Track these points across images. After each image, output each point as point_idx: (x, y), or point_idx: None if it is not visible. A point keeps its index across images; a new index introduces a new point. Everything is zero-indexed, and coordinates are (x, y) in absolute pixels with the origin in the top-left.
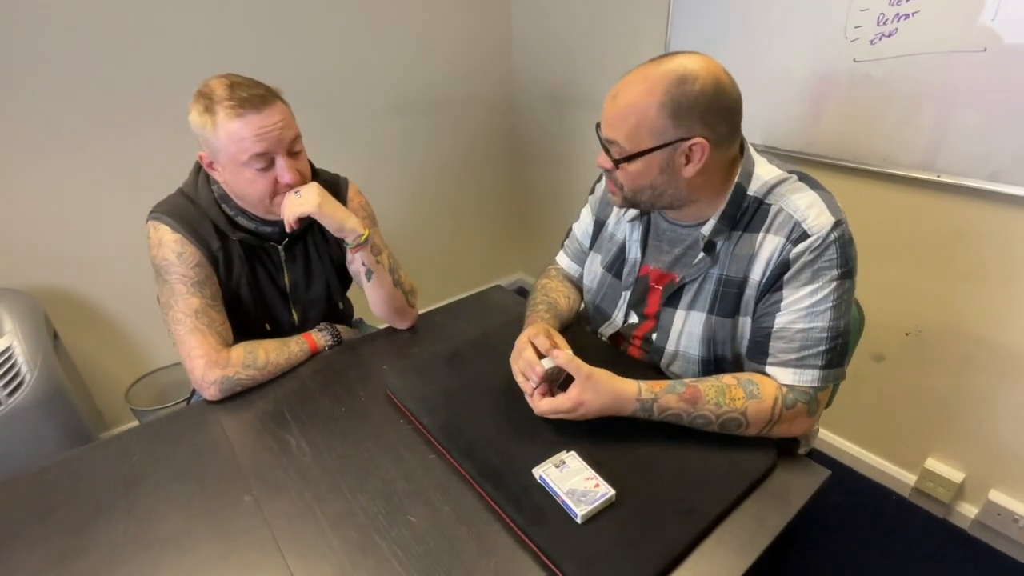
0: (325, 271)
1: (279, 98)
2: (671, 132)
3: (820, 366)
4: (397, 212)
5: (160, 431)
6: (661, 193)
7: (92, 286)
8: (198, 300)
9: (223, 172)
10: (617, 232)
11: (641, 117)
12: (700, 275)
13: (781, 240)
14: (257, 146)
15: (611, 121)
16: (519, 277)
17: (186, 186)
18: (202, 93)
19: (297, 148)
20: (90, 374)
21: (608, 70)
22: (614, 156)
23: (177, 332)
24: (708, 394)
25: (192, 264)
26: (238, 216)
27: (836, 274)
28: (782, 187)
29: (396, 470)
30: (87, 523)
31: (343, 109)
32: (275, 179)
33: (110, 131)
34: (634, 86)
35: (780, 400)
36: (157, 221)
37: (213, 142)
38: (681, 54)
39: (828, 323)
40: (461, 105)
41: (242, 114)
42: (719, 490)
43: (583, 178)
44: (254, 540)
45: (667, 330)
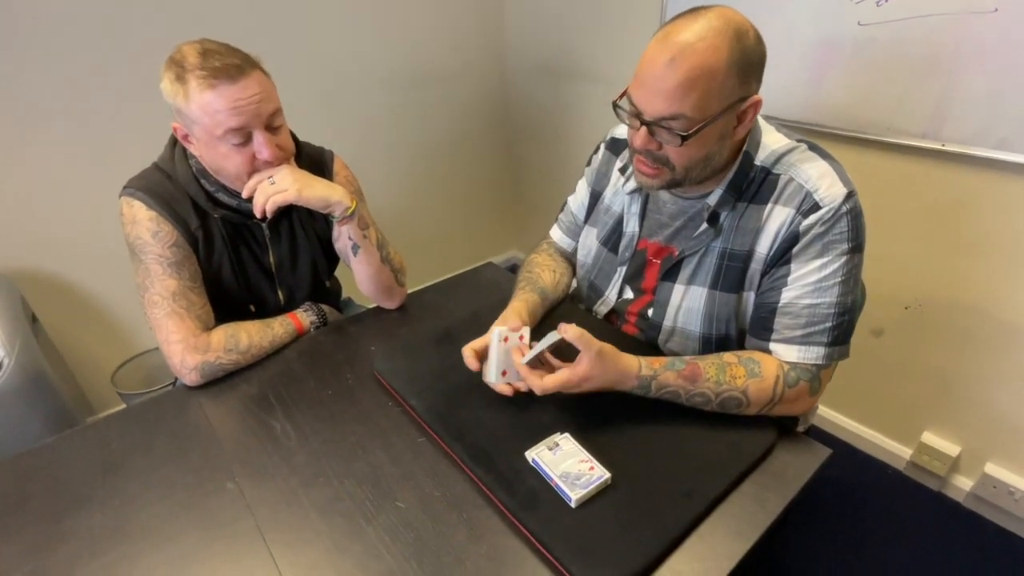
0: (311, 248)
1: (257, 67)
2: (736, 92)
3: (826, 343)
4: (386, 189)
5: (140, 417)
6: (710, 163)
7: (71, 266)
8: (175, 282)
9: (198, 145)
10: (614, 205)
11: (711, 79)
12: (701, 248)
13: (791, 211)
14: (232, 120)
15: (672, 92)
16: (512, 255)
17: (161, 160)
18: (174, 60)
19: (277, 122)
20: (74, 358)
21: (603, 40)
22: (678, 130)
23: (154, 315)
24: (708, 372)
25: (169, 243)
26: (218, 192)
27: (846, 248)
28: (791, 156)
29: (384, 454)
30: (65, 512)
31: (329, 82)
32: (253, 155)
33: (83, 101)
34: (694, 48)
35: (782, 379)
36: (131, 197)
37: (186, 113)
38: (708, 9)
39: (836, 299)
40: (451, 78)
41: (215, 85)
42: (717, 471)
43: (577, 153)
44: (237, 529)
45: (664, 305)
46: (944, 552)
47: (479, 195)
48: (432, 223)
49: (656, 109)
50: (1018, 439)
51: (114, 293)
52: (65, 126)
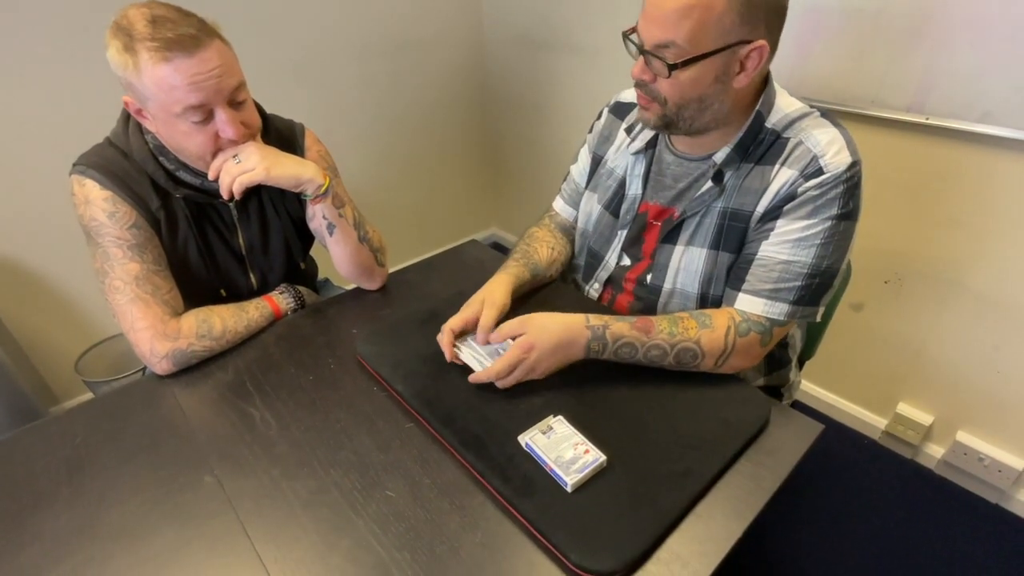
0: (283, 229)
1: (216, 36)
2: (736, 32)
3: (791, 300)
4: (360, 164)
5: (106, 408)
6: (706, 108)
7: (25, 250)
8: (137, 266)
9: (154, 122)
10: (617, 167)
11: (707, 12)
12: (702, 209)
13: (794, 174)
14: (192, 97)
15: (667, 17)
16: (492, 232)
17: (114, 135)
18: (120, 27)
19: (240, 97)
20: (34, 346)
21: (584, 11)
22: (669, 60)
23: (116, 302)
24: (660, 324)
25: (127, 225)
26: (179, 171)
27: (835, 213)
28: (803, 121)
29: (371, 441)
30: (25, 514)
31: (297, 52)
32: (215, 133)
33: (30, 68)
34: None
35: (733, 329)
36: (82, 176)
37: (138, 88)
38: None
39: (811, 259)
40: (427, 47)
41: (169, 58)
42: (712, 451)
43: (558, 126)
44: (217, 525)
45: (664, 268)
46: (916, 516)
47: (457, 171)
48: (409, 200)
49: (652, 36)
50: (988, 408)
51: (74, 276)
52: (14, 97)
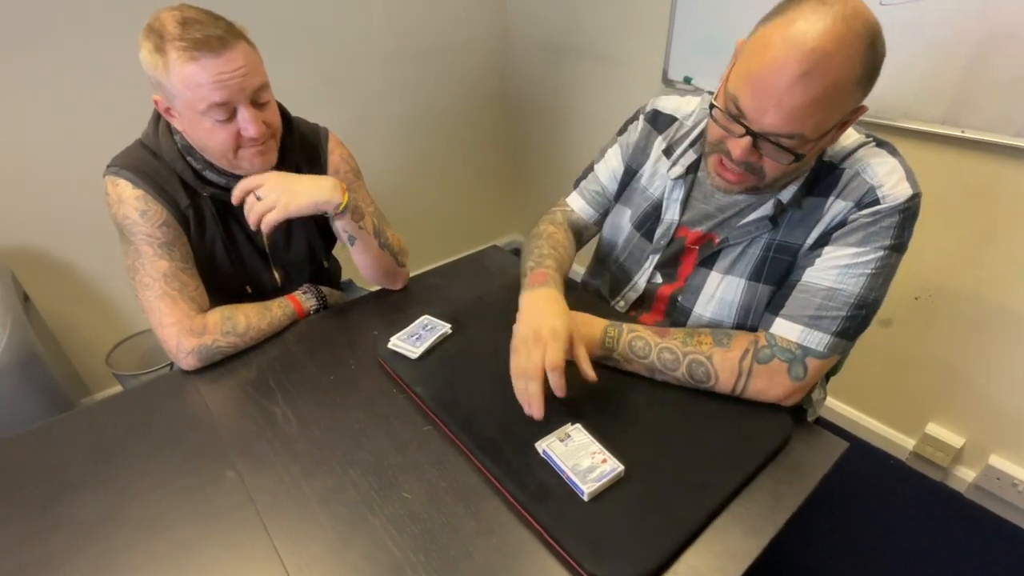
0: (307, 229)
1: (242, 38)
2: (854, 103)
3: (832, 332)
4: (383, 168)
5: (134, 401)
6: (799, 172)
7: (64, 243)
8: (167, 263)
9: (180, 120)
10: (651, 187)
11: (838, 96)
12: (747, 239)
13: (850, 204)
14: (216, 95)
15: (800, 110)
16: (513, 237)
17: (146, 136)
18: (152, 29)
19: (263, 98)
20: (68, 337)
21: (610, 18)
22: (796, 150)
23: (145, 298)
24: (676, 333)
25: (158, 223)
26: (206, 170)
27: (888, 244)
28: (859, 152)
29: (389, 443)
30: (55, 501)
31: (326, 58)
32: (238, 131)
33: (72, 73)
34: (832, 58)
35: (751, 353)
36: (115, 176)
37: (167, 87)
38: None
39: (859, 290)
40: (451, 55)
41: (197, 57)
42: (732, 464)
43: (581, 133)
44: (238, 519)
45: (697, 292)
46: (945, 542)
47: (480, 176)
48: (432, 204)
49: (772, 123)
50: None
51: (109, 271)
52: (54, 98)
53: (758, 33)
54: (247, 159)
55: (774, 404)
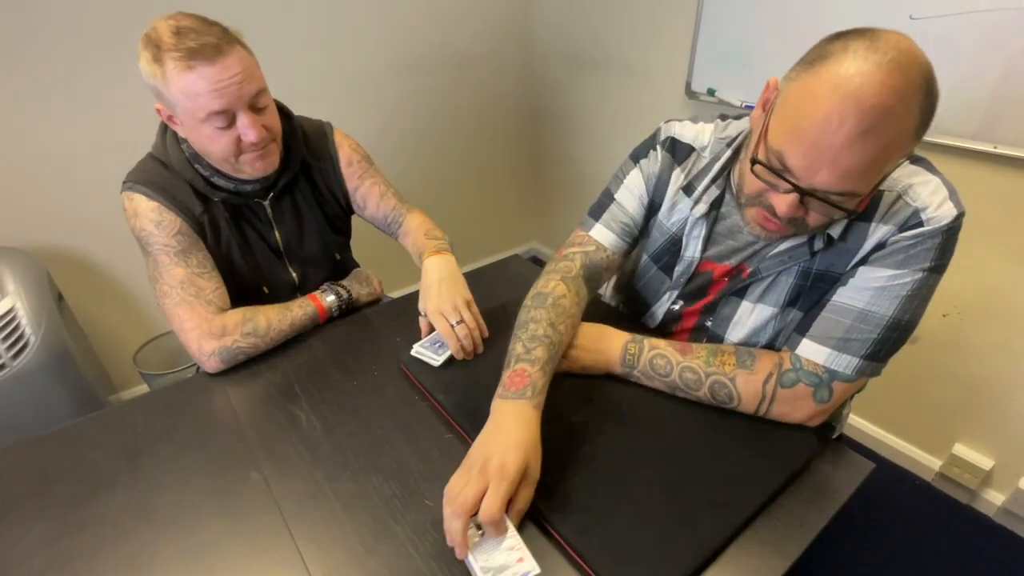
0: (319, 225)
1: (237, 43)
2: (910, 151)
3: (862, 355)
4: (407, 176)
5: (164, 401)
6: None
7: (96, 245)
8: (182, 270)
9: (183, 128)
10: (668, 222)
11: (899, 149)
12: (778, 269)
13: (892, 229)
14: (215, 102)
15: (857, 169)
16: (532, 246)
17: (155, 148)
18: (149, 39)
19: (262, 102)
20: (97, 336)
21: (633, 30)
22: (845, 205)
23: (166, 306)
24: (699, 351)
25: (172, 232)
26: (214, 176)
27: (928, 265)
28: (897, 172)
29: (411, 450)
30: (87, 497)
31: (351, 68)
32: (238, 137)
33: (109, 81)
34: (892, 113)
35: (775, 377)
36: (130, 191)
37: (167, 96)
38: (882, 38)
39: (892, 312)
40: (475, 65)
41: (193, 66)
42: (755, 482)
43: (602, 144)
44: (263, 521)
45: (728, 320)
46: (972, 567)
47: (501, 185)
48: (453, 212)
49: (824, 182)
50: None
51: (138, 273)
52: (90, 106)
53: (803, 81)
54: (249, 163)
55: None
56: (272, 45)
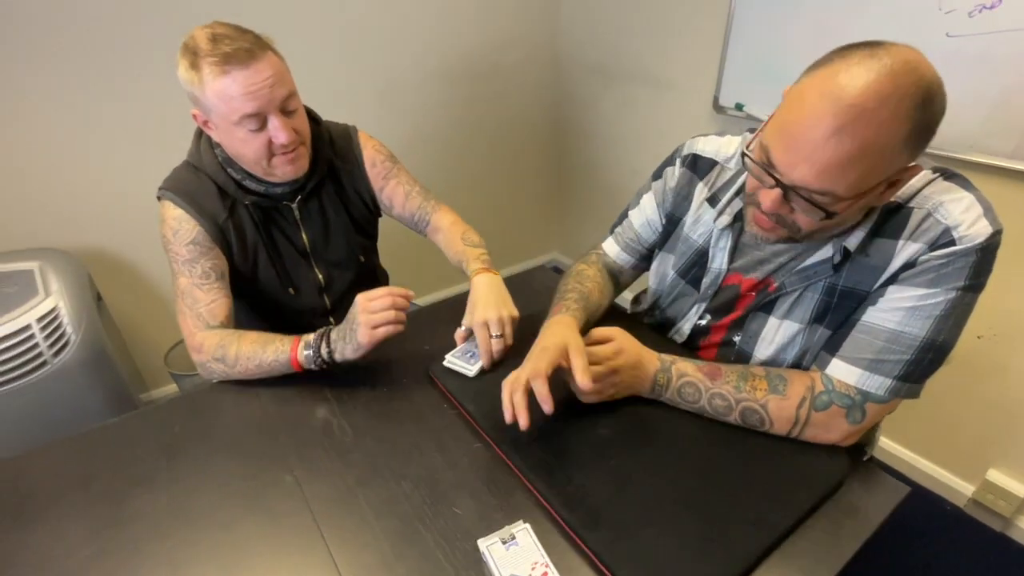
0: (343, 226)
1: (268, 49)
2: (898, 163)
3: (895, 376)
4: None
5: (200, 402)
6: (839, 227)
7: (133, 248)
8: (185, 280)
9: (217, 132)
10: (695, 235)
11: (879, 158)
12: (804, 284)
13: (922, 247)
14: (248, 105)
15: (830, 167)
16: (553, 256)
17: (190, 155)
18: (187, 46)
19: (292, 106)
20: (131, 336)
21: (661, 43)
22: (827, 207)
23: (177, 310)
24: (728, 375)
25: (185, 242)
26: (245, 179)
27: (961, 284)
28: (928, 189)
29: (440, 457)
30: (128, 493)
31: (381, 76)
32: (269, 140)
33: (150, 88)
34: (872, 116)
35: (808, 401)
36: (162, 198)
37: (203, 101)
38: (885, 48)
39: (926, 332)
40: (503, 76)
41: (228, 71)
42: (787, 501)
43: (626, 156)
44: (295, 523)
45: (755, 336)
46: None
47: (524, 195)
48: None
49: (802, 177)
50: None
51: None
52: (132, 112)
53: (800, 83)
54: (279, 166)
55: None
56: (305, 54)
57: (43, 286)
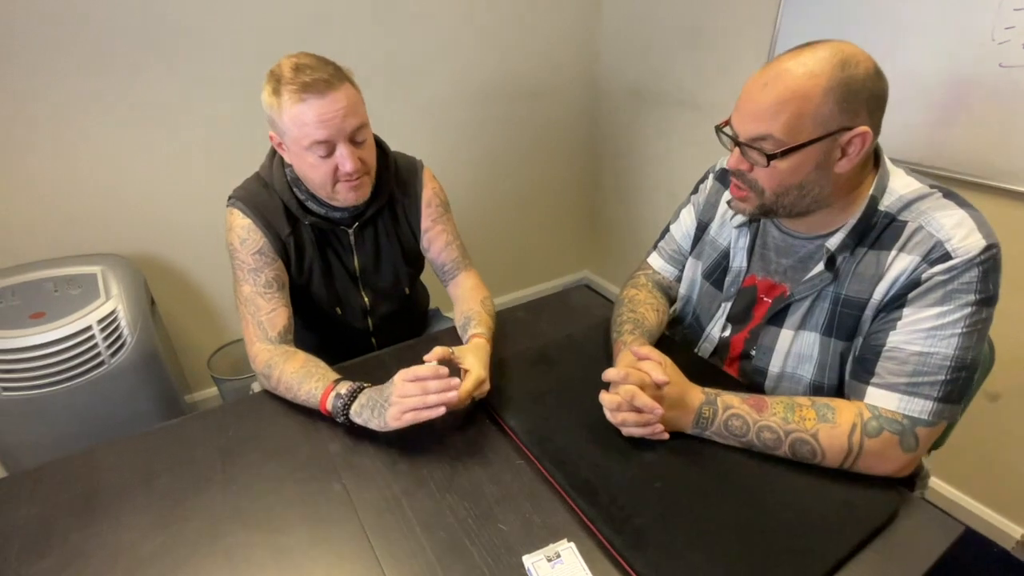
0: (393, 255)
1: (347, 80)
2: (835, 120)
3: (935, 398)
4: (466, 200)
5: (253, 408)
6: (807, 194)
7: (186, 255)
8: (249, 287)
9: (289, 154)
10: (720, 238)
11: (804, 103)
12: (813, 292)
13: (915, 259)
14: (318, 132)
15: (762, 112)
16: (585, 274)
17: (262, 169)
18: (273, 73)
19: (361, 137)
20: (178, 339)
21: (703, 67)
22: (767, 151)
23: (240, 315)
24: (775, 407)
25: (252, 251)
26: (308, 200)
27: (973, 299)
28: (923, 203)
29: (484, 473)
30: (188, 492)
31: (422, 95)
32: (336, 167)
33: (211, 105)
34: (791, 72)
35: (859, 428)
36: (232, 206)
37: (279, 124)
38: (825, 41)
39: (953, 351)
40: (541, 97)
41: (305, 99)
42: (835, 534)
43: (662, 179)
44: (344, 531)
45: (770, 349)
46: None
47: (558, 213)
48: (511, 236)
49: (747, 130)
50: None
51: (218, 283)
52: (192, 127)
53: None
54: (342, 192)
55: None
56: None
57: (104, 290)
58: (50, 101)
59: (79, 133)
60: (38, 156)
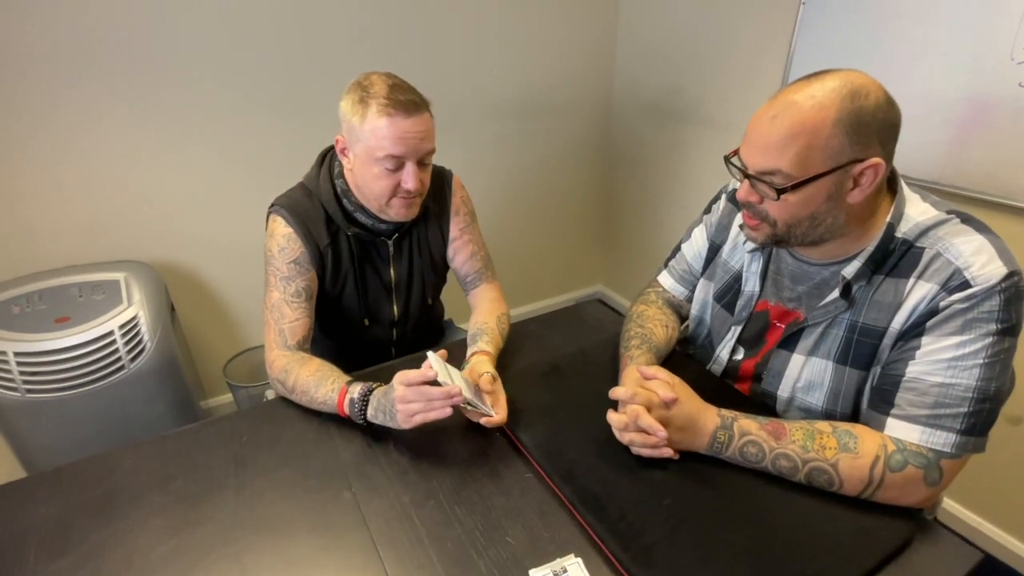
0: (423, 266)
1: (427, 109)
2: (846, 152)
3: (958, 430)
4: (483, 213)
5: (266, 414)
6: (819, 224)
7: (206, 262)
8: (278, 294)
9: (353, 160)
10: (732, 261)
11: (813, 136)
12: (827, 319)
13: (934, 288)
14: (396, 148)
15: (771, 146)
16: (598, 288)
17: (307, 178)
18: (361, 84)
19: (428, 160)
20: (195, 346)
21: (719, 85)
22: (776, 185)
23: (264, 317)
24: (794, 434)
25: (288, 260)
26: (356, 212)
27: (995, 328)
28: (940, 230)
29: (493, 485)
30: (202, 497)
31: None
32: (398, 183)
33: (237, 117)
34: (799, 104)
35: (882, 460)
36: (276, 214)
37: (356, 132)
38: (835, 71)
39: (976, 382)
40: (557, 112)
41: (393, 115)
42: (848, 560)
43: (677, 194)
44: (353, 539)
45: (780, 373)
46: None
47: (573, 227)
48: (525, 248)
49: (756, 163)
50: None
51: (236, 291)
52: (217, 137)
53: None
54: (396, 207)
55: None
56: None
57: (127, 295)
58: (80, 112)
59: (106, 143)
60: (67, 165)
